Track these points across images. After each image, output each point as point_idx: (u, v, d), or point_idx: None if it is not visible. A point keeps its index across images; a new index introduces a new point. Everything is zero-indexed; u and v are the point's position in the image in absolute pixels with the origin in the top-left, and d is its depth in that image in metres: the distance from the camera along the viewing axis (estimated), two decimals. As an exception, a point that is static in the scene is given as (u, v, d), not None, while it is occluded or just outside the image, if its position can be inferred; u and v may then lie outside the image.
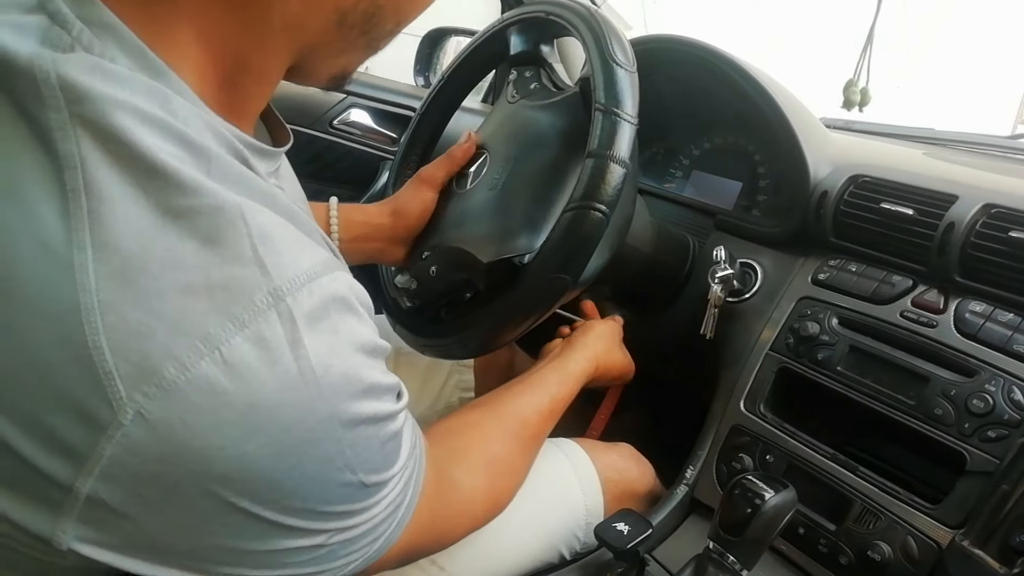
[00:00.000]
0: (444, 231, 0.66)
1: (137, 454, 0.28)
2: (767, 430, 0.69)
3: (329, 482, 0.33)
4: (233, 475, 0.30)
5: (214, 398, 0.28)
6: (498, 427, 0.59)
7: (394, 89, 1.23)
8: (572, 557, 0.67)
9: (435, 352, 0.66)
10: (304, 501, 0.33)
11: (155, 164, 0.28)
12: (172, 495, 0.29)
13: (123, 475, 0.28)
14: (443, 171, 0.69)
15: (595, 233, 0.52)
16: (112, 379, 0.27)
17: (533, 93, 0.68)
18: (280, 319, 0.30)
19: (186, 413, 0.28)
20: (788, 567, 0.63)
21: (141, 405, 0.27)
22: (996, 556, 0.49)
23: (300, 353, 0.30)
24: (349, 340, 0.33)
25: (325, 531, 0.35)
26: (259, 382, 0.29)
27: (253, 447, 0.29)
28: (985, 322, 0.61)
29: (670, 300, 0.86)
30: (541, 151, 0.62)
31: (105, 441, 0.27)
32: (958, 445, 0.57)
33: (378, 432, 0.36)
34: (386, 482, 0.38)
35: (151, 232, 0.28)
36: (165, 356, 0.27)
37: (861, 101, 1.34)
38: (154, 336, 0.27)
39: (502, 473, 0.57)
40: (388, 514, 0.39)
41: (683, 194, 0.95)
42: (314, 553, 0.35)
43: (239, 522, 0.31)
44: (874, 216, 0.70)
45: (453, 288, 0.65)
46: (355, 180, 1.19)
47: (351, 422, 0.33)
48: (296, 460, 0.31)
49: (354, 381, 0.33)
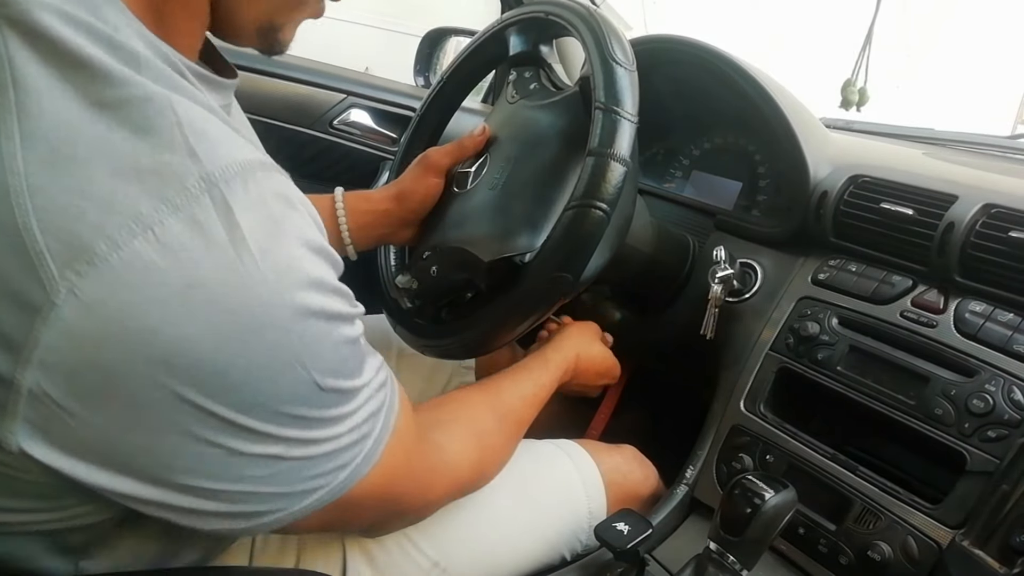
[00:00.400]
0: (445, 231, 0.66)
1: (73, 338, 0.28)
2: (767, 430, 0.69)
3: (280, 375, 0.33)
4: (175, 360, 0.29)
5: (148, 276, 0.28)
6: (485, 405, 0.60)
7: (394, 89, 1.23)
8: (573, 559, 0.67)
9: (436, 352, 0.66)
10: (255, 395, 0.32)
11: (82, 59, 0.29)
12: (114, 385, 0.29)
13: (62, 364, 0.28)
14: (450, 159, 0.69)
15: (596, 231, 0.52)
16: (43, 259, 0.27)
17: (533, 93, 0.68)
18: (214, 204, 0.30)
19: (120, 292, 0.28)
20: (788, 567, 0.63)
21: (74, 284, 0.27)
22: (996, 556, 0.49)
23: (237, 236, 0.30)
24: (290, 232, 0.33)
25: (283, 438, 0.34)
26: (194, 262, 0.29)
27: (194, 330, 0.29)
28: (985, 322, 0.61)
29: (670, 300, 0.86)
30: (541, 151, 0.62)
31: (40, 324, 0.27)
32: (958, 445, 0.57)
33: (331, 331, 0.35)
34: (345, 393, 0.37)
35: (79, 122, 0.29)
36: (96, 234, 0.27)
37: (859, 101, 1.34)
38: (85, 216, 0.27)
39: (488, 447, 0.57)
40: (353, 441, 0.38)
41: (683, 194, 0.95)
42: (273, 467, 0.35)
43: (188, 417, 0.31)
44: (874, 216, 0.70)
45: (454, 288, 0.65)
46: (355, 180, 1.19)
47: (298, 312, 0.33)
48: (241, 346, 0.31)
49: (297, 270, 0.33)
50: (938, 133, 1.09)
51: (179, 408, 0.30)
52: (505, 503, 0.64)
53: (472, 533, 0.61)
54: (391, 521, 0.51)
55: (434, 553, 0.58)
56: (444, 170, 0.69)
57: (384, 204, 0.71)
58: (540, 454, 0.69)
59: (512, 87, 0.70)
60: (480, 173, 0.66)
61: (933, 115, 2.99)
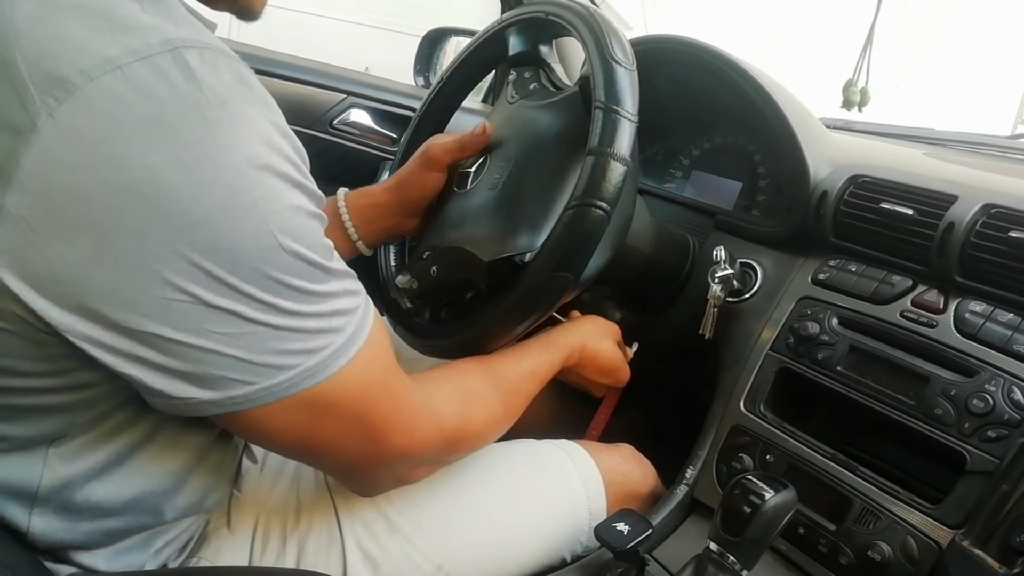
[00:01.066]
0: (445, 231, 0.66)
1: (51, 161, 0.31)
2: (767, 430, 0.69)
3: (240, 221, 0.35)
4: (142, 188, 0.32)
5: (117, 105, 0.32)
6: (479, 371, 0.59)
7: (394, 89, 1.23)
8: (573, 559, 0.67)
9: (435, 352, 0.66)
10: (216, 237, 0.34)
11: None
12: (86, 213, 0.32)
13: (40, 187, 0.32)
14: (451, 156, 0.69)
15: (596, 231, 0.52)
16: (27, 88, 0.31)
17: (533, 93, 0.68)
18: (175, 61, 0.33)
19: (92, 118, 0.32)
20: (788, 567, 0.63)
21: (52, 109, 0.31)
22: (996, 556, 0.49)
23: (196, 86, 0.34)
24: (248, 98, 0.36)
25: (244, 293, 0.36)
26: (159, 98, 0.33)
27: (158, 159, 0.33)
28: (985, 322, 0.61)
29: (670, 300, 0.86)
30: (541, 151, 0.62)
31: (23, 147, 0.31)
32: (958, 445, 0.57)
33: (288, 192, 0.38)
34: (310, 266, 0.39)
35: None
36: (72, 69, 0.31)
37: (860, 101, 1.34)
38: (62, 56, 0.32)
39: (477, 405, 0.56)
40: (320, 328, 0.40)
41: (683, 194, 0.95)
42: (236, 325, 0.36)
43: (153, 254, 0.33)
44: (874, 216, 0.70)
45: (454, 288, 0.65)
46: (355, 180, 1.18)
47: (253, 160, 0.35)
48: (201, 179, 0.34)
49: (257, 127, 0.36)
50: (938, 133, 1.09)
51: (144, 243, 0.33)
52: (506, 504, 0.64)
53: (473, 535, 0.61)
54: (375, 463, 0.48)
55: (436, 555, 0.58)
56: (445, 166, 0.69)
57: (384, 196, 0.71)
58: (540, 454, 0.69)
59: (512, 87, 0.70)
60: (480, 173, 0.66)
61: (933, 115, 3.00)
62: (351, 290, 0.43)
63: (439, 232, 0.67)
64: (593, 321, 0.75)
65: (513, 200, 0.61)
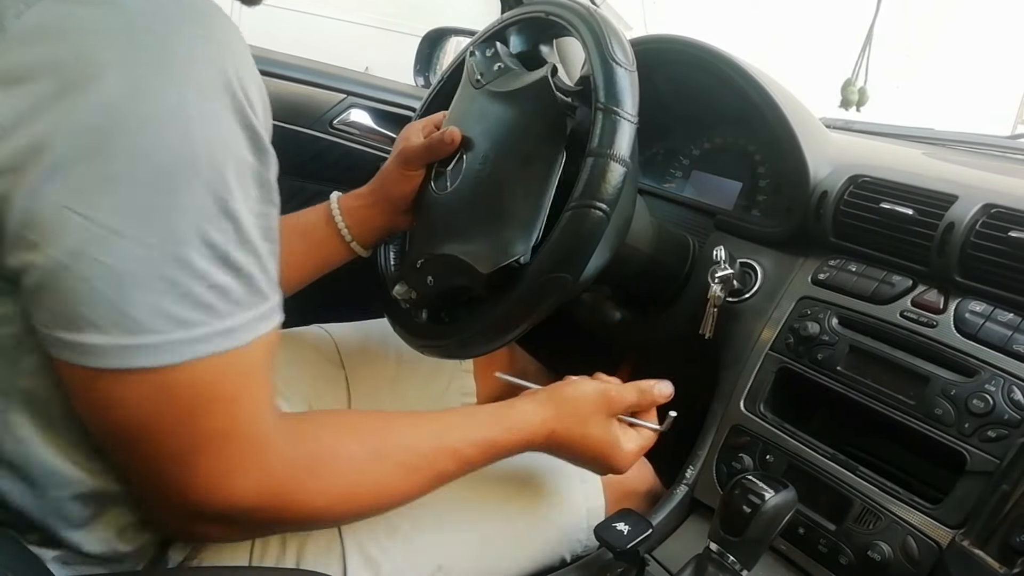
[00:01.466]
0: (434, 238, 0.65)
1: (14, 53, 0.34)
2: (767, 430, 0.69)
3: (183, 138, 0.36)
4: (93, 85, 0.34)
5: (81, 12, 0.35)
6: (371, 429, 0.50)
7: (394, 89, 1.23)
8: (573, 559, 0.67)
9: (434, 352, 0.66)
10: (155, 148, 0.35)
11: None
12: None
13: (6, 75, 0.34)
14: (422, 160, 0.68)
15: (596, 232, 0.52)
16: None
17: (497, 76, 0.66)
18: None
19: (57, 21, 0.35)
20: (788, 567, 0.63)
21: (21, 12, 0.34)
22: (996, 556, 0.49)
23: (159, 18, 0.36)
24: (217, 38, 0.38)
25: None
26: (122, 8, 0.36)
27: (112, 56, 0.35)
28: (985, 322, 0.61)
29: (670, 300, 0.86)
30: (518, 146, 0.61)
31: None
32: (958, 445, 0.57)
33: (235, 139, 0.38)
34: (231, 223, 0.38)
35: None
36: None
37: (859, 101, 1.33)
38: None
39: (336, 466, 0.46)
40: (202, 304, 0.37)
41: (683, 194, 0.95)
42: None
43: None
44: (874, 216, 0.70)
45: (452, 293, 0.65)
46: (355, 180, 1.18)
47: (206, 89, 0.37)
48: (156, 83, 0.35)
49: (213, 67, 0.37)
50: (938, 133, 1.09)
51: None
52: (505, 503, 0.64)
53: (473, 535, 0.61)
54: (180, 480, 0.40)
55: (435, 556, 0.58)
56: (420, 165, 0.69)
57: (371, 197, 0.72)
58: (538, 454, 0.69)
59: (475, 68, 0.68)
60: (459, 173, 0.65)
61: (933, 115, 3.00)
62: (261, 289, 0.40)
63: (429, 239, 0.66)
64: (579, 396, 0.59)
65: (497, 201, 0.60)
